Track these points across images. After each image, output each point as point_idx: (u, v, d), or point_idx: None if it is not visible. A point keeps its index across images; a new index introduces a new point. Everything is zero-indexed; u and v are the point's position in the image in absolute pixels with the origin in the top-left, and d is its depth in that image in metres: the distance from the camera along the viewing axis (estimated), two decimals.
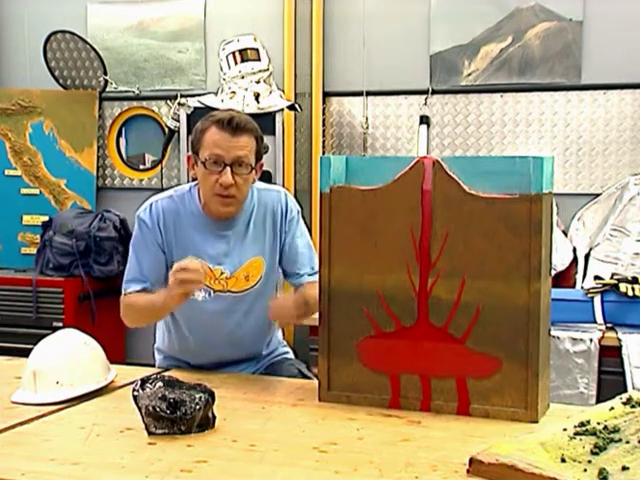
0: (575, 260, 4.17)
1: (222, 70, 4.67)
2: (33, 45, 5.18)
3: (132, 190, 5.15)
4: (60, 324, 4.46)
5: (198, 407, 1.88)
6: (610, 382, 3.44)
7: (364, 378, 2.13)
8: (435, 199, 2.05)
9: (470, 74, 4.60)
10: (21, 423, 1.99)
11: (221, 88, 4.69)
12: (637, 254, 4.03)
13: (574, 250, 4.21)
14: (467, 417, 2.02)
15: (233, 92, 4.56)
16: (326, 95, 4.81)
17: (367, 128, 4.77)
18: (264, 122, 3.57)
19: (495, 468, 1.59)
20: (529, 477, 1.55)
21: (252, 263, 2.51)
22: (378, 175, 2.10)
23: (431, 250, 2.05)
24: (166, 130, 5.00)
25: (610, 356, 3.46)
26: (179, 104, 4.82)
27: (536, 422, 1.97)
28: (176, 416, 1.86)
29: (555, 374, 3.39)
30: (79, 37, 5.11)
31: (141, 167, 5.26)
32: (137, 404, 1.90)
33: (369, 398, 2.12)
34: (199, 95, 4.78)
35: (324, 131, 4.81)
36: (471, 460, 1.64)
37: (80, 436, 1.90)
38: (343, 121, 4.82)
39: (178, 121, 4.81)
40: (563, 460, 1.58)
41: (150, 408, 1.87)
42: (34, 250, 4.97)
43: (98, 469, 1.69)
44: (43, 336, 2.30)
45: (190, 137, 2.54)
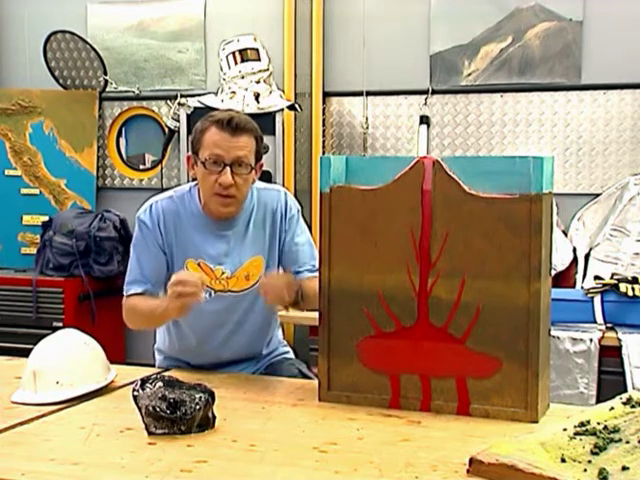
0: (575, 260, 4.17)
1: (222, 70, 4.66)
2: (33, 45, 5.18)
3: (132, 190, 5.15)
4: (60, 324, 4.45)
5: (198, 407, 1.88)
6: (610, 382, 3.44)
7: (364, 378, 2.13)
8: (435, 199, 2.05)
9: (470, 74, 4.60)
10: (21, 423, 1.99)
11: (221, 88, 4.69)
12: (637, 254, 4.03)
13: (574, 250, 4.21)
14: (467, 417, 2.02)
15: (233, 92, 4.56)
16: (326, 95, 4.80)
17: (367, 128, 4.77)
18: (264, 122, 3.57)
19: (495, 468, 1.59)
20: (529, 477, 1.55)
21: (252, 262, 2.51)
22: (378, 175, 2.10)
23: (431, 250, 2.05)
24: (166, 130, 5.00)
25: (610, 356, 3.46)
26: (179, 104, 4.82)
27: (536, 422, 1.97)
28: (176, 416, 1.86)
29: (555, 374, 3.39)
30: (79, 37, 5.11)
31: (141, 167, 5.26)
32: (137, 404, 1.90)
33: (369, 398, 2.12)
34: (199, 95, 4.78)
35: (324, 131, 4.81)
36: (471, 460, 1.64)
37: (80, 436, 1.90)
38: (343, 121, 4.82)
39: (178, 121, 4.81)
40: (563, 460, 1.58)
41: (150, 408, 1.87)
42: (34, 250, 4.97)
43: (98, 469, 1.69)
44: (43, 336, 2.30)
45: (190, 137, 2.54)
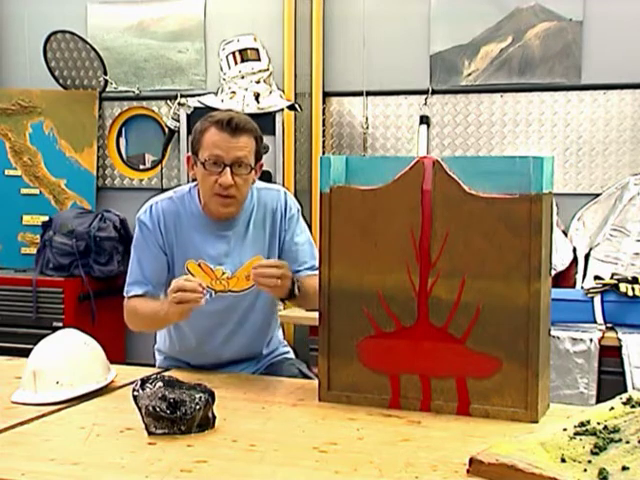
0: (575, 260, 4.17)
1: (222, 70, 4.66)
2: (33, 45, 5.18)
3: (132, 190, 5.15)
4: (60, 324, 4.46)
5: (198, 407, 1.88)
6: (610, 382, 3.44)
7: (364, 378, 2.13)
8: (435, 199, 2.05)
9: (470, 74, 4.60)
10: (21, 423, 1.99)
11: (221, 88, 4.69)
12: (637, 254, 4.03)
13: (574, 250, 4.21)
14: (467, 417, 2.02)
15: (233, 92, 4.56)
16: (326, 95, 4.80)
17: (367, 128, 4.77)
18: (264, 122, 3.57)
19: (495, 468, 1.59)
20: (529, 477, 1.55)
21: (253, 262, 2.50)
22: (378, 175, 2.10)
23: (431, 250, 2.05)
24: (166, 130, 5.00)
25: (610, 356, 3.46)
26: (179, 104, 4.82)
27: (536, 422, 1.97)
28: (176, 416, 1.86)
29: (555, 374, 3.39)
30: (79, 37, 5.11)
31: (141, 167, 5.26)
32: (137, 404, 1.90)
33: (369, 398, 2.12)
34: (199, 95, 4.78)
35: (324, 131, 4.81)
36: (471, 460, 1.64)
37: (80, 436, 1.90)
38: (343, 121, 4.82)
39: (178, 121, 4.81)
40: (563, 460, 1.58)
41: (150, 408, 1.87)
42: (34, 250, 4.97)
43: (98, 469, 1.69)
44: (43, 336, 2.30)
45: (190, 137, 2.54)
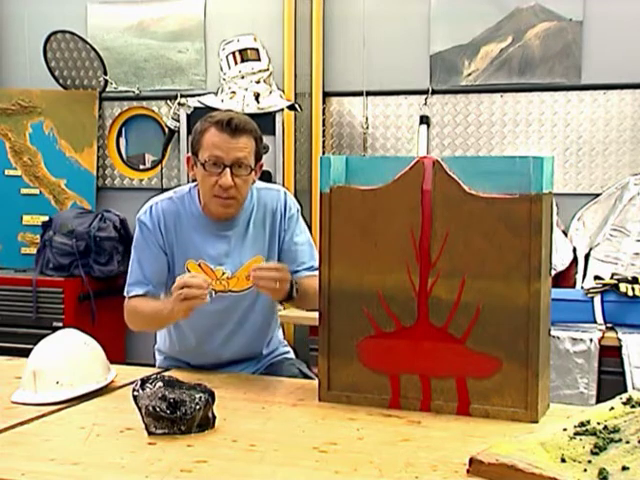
0: (575, 260, 4.17)
1: (222, 70, 4.66)
2: (33, 45, 5.18)
3: (132, 190, 5.15)
4: (60, 324, 4.46)
5: (198, 407, 1.88)
6: (610, 382, 3.44)
7: (364, 378, 2.13)
8: (435, 199, 2.05)
9: (470, 74, 4.60)
10: (21, 423, 1.99)
11: (221, 88, 4.69)
12: (637, 254, 4.03)
13: (574, 250, 4.21)
14: (467, 417, 2.02)
15: (233, 92, 4.56)
16: (326, 95, 4.80)
17: (367, 128, 4.77)
18: (264, 122, 3.57)
19: (495, 468, 1.59)
20: (529, 477, 1.55)
21: (253, 262, 2.50)
22: (378, 175, 2.10)
23: (431, 250, 2.05)
24: (166, 130, 5.00)
25: (610, 356, 3.46)
26: (179, 104, 4.82)
27: (536, 422, 1.97)
28: (176, 416, 1.86)
29: (555, 374, 3.39)
30: (79, 37, 5.11)
31: (141, 167, 5.26)
32: (137, 404, 1.90)
33: (369, 398, 2.12)
34: (199, 95, 4.78)
35: (324, 131, 4.81)
36: (471, 460, 1.64)
37: (80, 436, 1.90)
38: (343, 121, 4.82)
39: (178, 121, 4.81)
40: (563, 460, 1.58)
41: (150, 408, 1.87)
42: (34, 250, 4.97)
43: (98, 469, 1.69)
44: (43, 336, 2.30)
45: (189, 138, 2.54)
